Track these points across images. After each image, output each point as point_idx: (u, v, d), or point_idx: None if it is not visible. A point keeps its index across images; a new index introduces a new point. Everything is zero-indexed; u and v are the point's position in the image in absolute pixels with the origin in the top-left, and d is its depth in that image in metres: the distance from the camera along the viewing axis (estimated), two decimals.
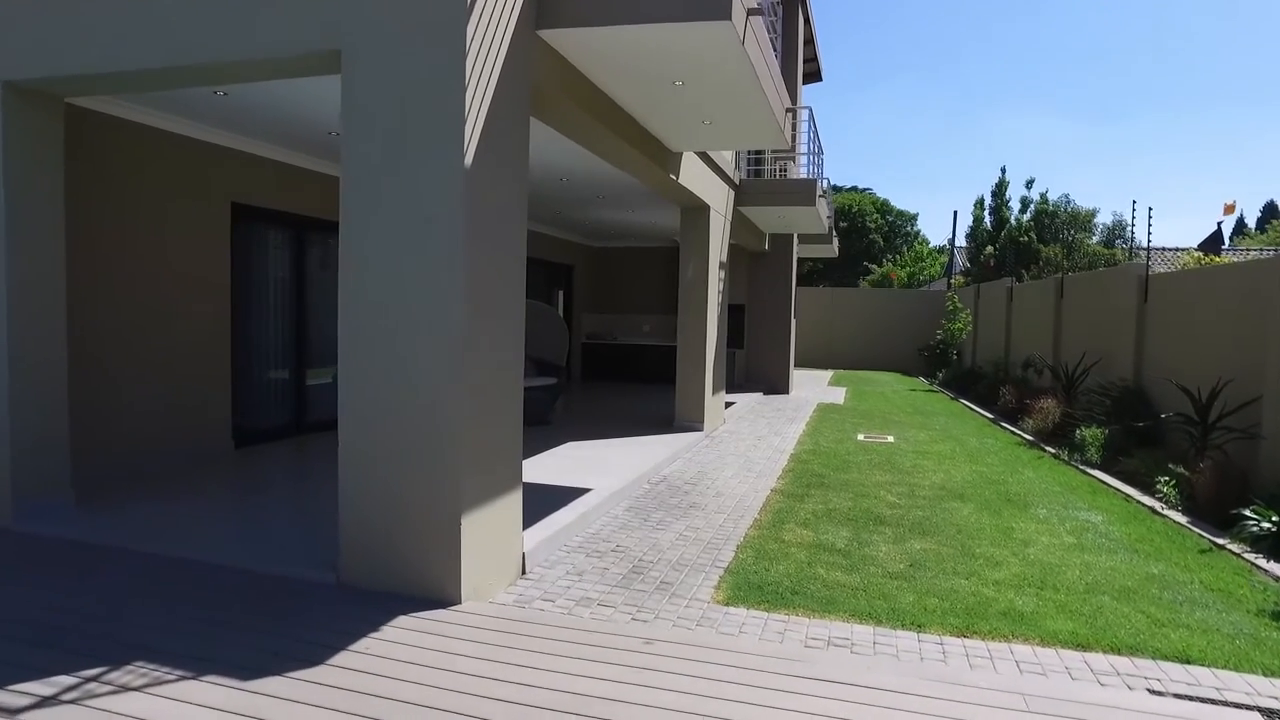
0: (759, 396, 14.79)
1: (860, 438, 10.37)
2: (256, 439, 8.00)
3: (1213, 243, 17.02)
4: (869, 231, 40.21)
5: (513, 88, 4.46)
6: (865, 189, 46.50)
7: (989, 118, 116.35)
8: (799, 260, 18.51)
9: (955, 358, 20.52)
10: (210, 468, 6.96)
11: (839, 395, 15.89)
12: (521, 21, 4.56)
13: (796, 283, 17.58)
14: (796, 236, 16.56)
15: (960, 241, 29.76)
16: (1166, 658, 3.78)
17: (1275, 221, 40.32)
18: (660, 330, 17.20)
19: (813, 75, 18.19)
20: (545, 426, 9.78)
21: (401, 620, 3.78)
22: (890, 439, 10.31)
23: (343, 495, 4.20)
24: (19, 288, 5.09)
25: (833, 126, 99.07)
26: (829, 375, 21.05)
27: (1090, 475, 8.14)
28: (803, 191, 12.24)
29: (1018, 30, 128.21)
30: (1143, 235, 31.63)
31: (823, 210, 13.62)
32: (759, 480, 7.51)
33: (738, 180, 12.01)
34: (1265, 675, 3.60)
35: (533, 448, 8.04)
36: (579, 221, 13.95)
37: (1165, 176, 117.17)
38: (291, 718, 2.91)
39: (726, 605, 4.32)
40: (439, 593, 4.04)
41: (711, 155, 9.74)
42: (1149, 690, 3.43)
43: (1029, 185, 28.78)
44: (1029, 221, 25.77)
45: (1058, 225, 25.24)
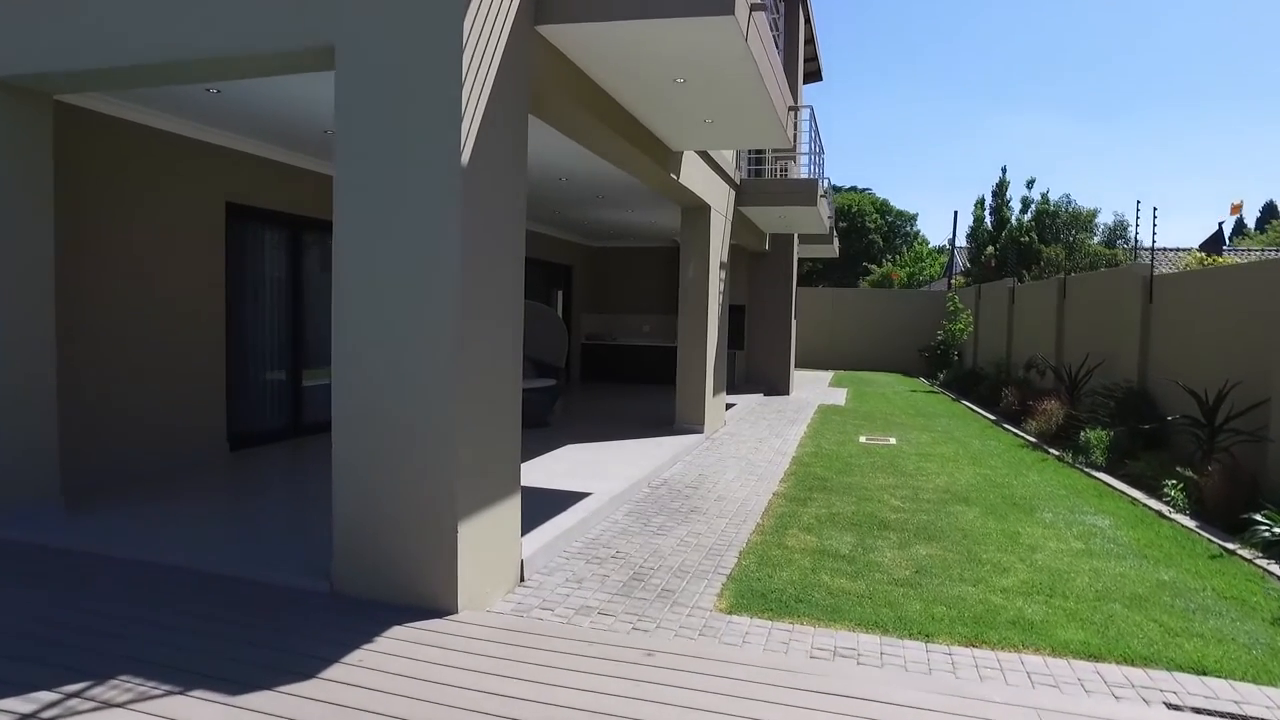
0: (759, 398, 14.70)
1: (862, 440, 10.27)
2: (252, 442, 7.89)
3: (1214, 243, 16.95)
4: (868, 231, 40.16)
5: (511, 84, 4.36)
6: (864, 189, 46.47)
7: (989, 117, 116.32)
8: (798, 260, 18.40)
9: (956, 359, 20.44)
10: (204, 471, 6.85)
11: (840, 396, 15.80)
12: (520, 16, 4.45)
13: (796, 283, 17.49)
14: (797, 236, 16.47)
15: (960, 241, 29.65)
16: (1182, 669, 3.68)
17: (1275, 221, 40.27)
18: (660, 331, 17.10)
19: (813, 75, 18.11)
20: (544, 428, 9.69)
21: (396, 631, 3.68)
22: (892, 441, 10.22)
23: (336, 500, 4.09)
24: (6, 289, 4.98)
25: (832, 126, 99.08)
26: (829, 376, 20.96)
27: (1095, 478, 8.05)
28: (804, 191, 12.15)
29: (1018, 29, 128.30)
30: (1147, 235, 31.49)
31: (824, 210, 13.54)
32: (761, 483, 7.41)
33: (738, 180, 11.92)
34: None
35: (532, 450, 7.94)
36: (578, 221, 13.85)
37: (1163, 177, 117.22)
38: None
39: (729, 614, 4.22)
40: (435, 602, 3.93)
41: (712, 154, 9.64)
42: (1166, 704, 3.33)
43: (1030, 185, 28.18)
44: (1030, 221, 25.57)
45: (1059, 225, 25.11)
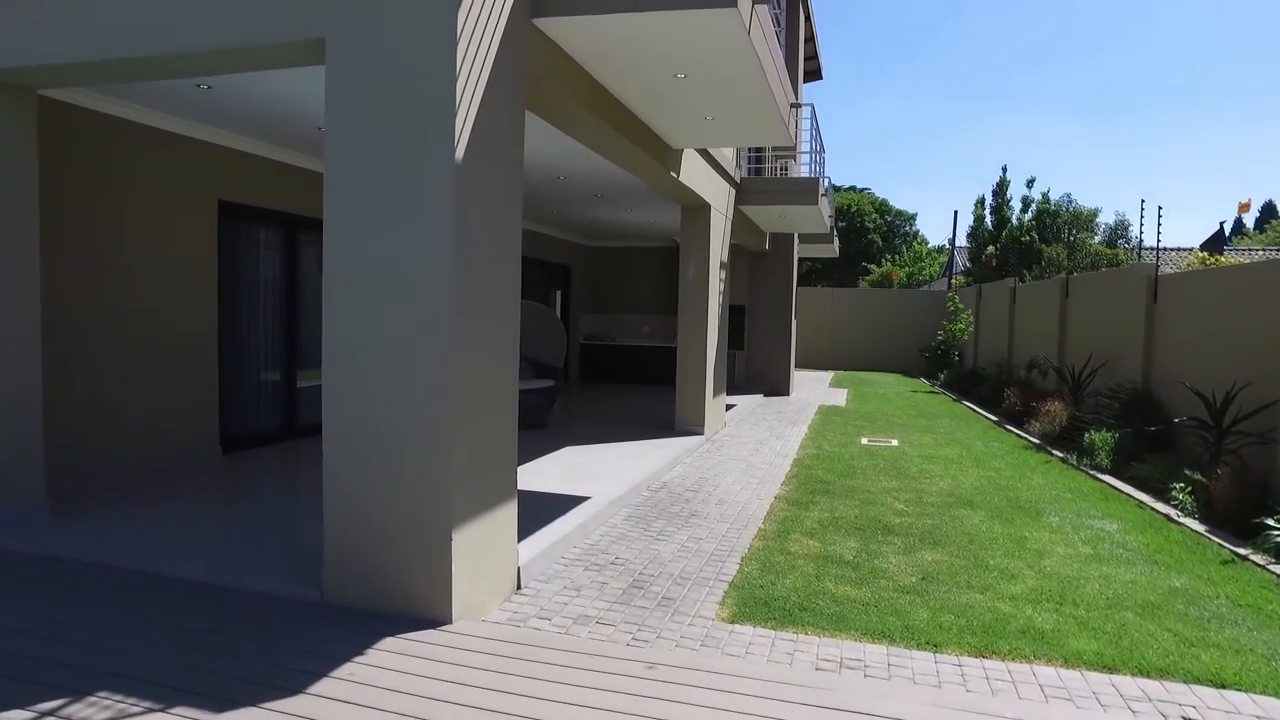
0: (759, 398, 14.58)
1: (864, 441, 10.16)
2: (245, 444, 7.76)
3: (1215, 242, 16.82)
4: (868, 231, 40.08)
5: (507, 79, 4.24)
6: (864, 188, 46.37)
7: (988, 116, 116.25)
8: (798, 260, 18.29)
9: (957, 359, 20.33)
10: (196, 475, 6.72)
11: (840, 397, 15.68)
12: (516, 9, 4.33)
13: (796, 283, 17.38)
14: (797, 236, 16.36)
15: (960, 241, 29.52)
16: (1199, 681, 3.56)
17: (1275, 222, 40.19)
18: (659, 331, 16.98)
19: (813, 73, 17.99)
20: (542, 430, 9.57)
21: (388, 642, 3.56)
22: (895, 443, 10.10)
23: (327, 505, 3.97)
24: None
25: (832, 125, 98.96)
26: (830, 376, 20.85)
27: (1101, 480, 7.93)
28: (805, 190, 12.04)
29: (1017, 27, 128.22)
30: (1151, 235, 31.42)
31: (824, 209, 13.43)
32: (762, 487, 7.29)
33: (739, 178, 11.81)
34: None
35: (529, 453, 7.82)
36: (577, 220, 13.73)
37: (1162, 176, 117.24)
38: None
39: (732, 623, 4.11)
40: (428, 611, 3.81)
41: (712, 153, 9.52)
42: (1184, 718, 3.22)
43: (1030, 184, 27.87)
44: (1031, 221, 25.42)
45: (1059, 225, 24.98)
